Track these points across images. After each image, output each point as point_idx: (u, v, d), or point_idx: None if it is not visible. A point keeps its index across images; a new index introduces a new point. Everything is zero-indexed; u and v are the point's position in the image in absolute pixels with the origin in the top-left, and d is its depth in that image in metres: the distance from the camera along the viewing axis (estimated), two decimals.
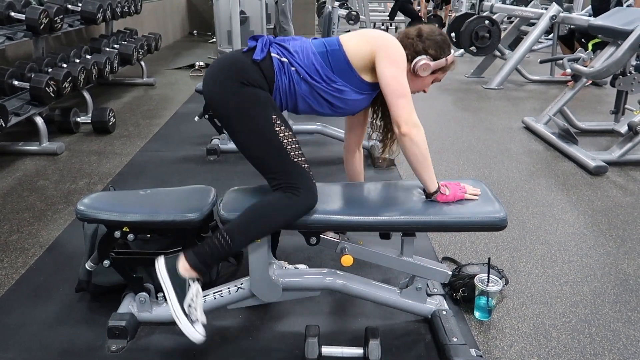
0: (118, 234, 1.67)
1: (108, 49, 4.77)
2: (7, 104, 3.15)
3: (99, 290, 1.91)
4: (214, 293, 1.73)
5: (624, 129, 3.41)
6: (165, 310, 1.77)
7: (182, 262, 1.55)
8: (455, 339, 1.65)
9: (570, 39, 5.87)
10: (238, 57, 1.62)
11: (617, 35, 3.71)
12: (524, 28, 6.09)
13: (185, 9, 9.96)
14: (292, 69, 1.59)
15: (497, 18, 5.88)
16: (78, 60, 4.13)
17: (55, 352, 1.69)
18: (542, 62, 4.62)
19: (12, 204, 2.73)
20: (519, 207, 2.80)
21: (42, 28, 3.58)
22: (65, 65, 3.90)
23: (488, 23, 5.54)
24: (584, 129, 4.10)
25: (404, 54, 1.64)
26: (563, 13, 5.38)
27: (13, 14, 3.51)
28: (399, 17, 9.86)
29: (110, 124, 3.93)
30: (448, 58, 1.70)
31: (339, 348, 1.67)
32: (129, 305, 1.78)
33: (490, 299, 1.84)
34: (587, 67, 3.83)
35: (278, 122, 1.56)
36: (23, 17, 3.52)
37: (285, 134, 1.56)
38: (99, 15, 4.47)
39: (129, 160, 3.38)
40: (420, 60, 1.66)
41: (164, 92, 5.32)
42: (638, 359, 1.71)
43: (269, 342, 1.75)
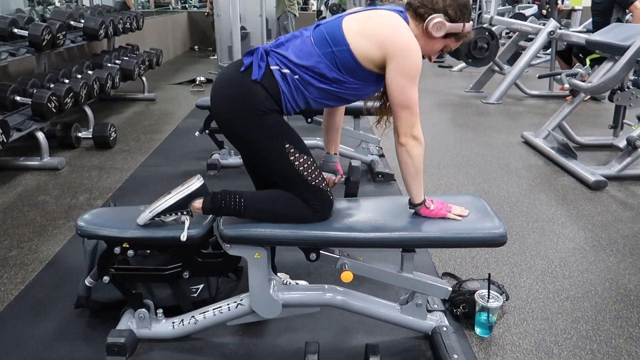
0: (118, 250, 1.67)
1: (110, 65, 4.82)
2: (9, 120, 3.17)
3: (99, 307, 1.90)
4: (214, 309, 1.73)
5: (623, 144, 3.43)
6: (165, 327, 1.77)
7: (198, 202, 1.64)
8: (456, 356, 1.64)
9: (568, 54, 5.91)
10: (240, 81, 1.57)
11: (614, 51, 3.75)
12: (522, 43, 6.15)
13: (187, 25, 10.07)
14: (295, 77, 1.55)
15: (495, 30, 5.94)
16: (80, 76, 4.16)
17: None
18: (540, 77, 4.65)
19: (12, 219, 2.73)
20: (519, 222, 2.80)
21: (44, 44, 3.62)
22: (67, 81, 3.94)
23: (488, 35, 5.59)
24: (583, 144, 4.12)
25: (419, 62, 1.53)
26: (561, 30, 5.44)
27: (16, 31, 3.55)
28: None
29: (111, 139, 3.95)
30: (466, 25, 1.58)
31: None
32: (128, 322, 1.77)
33: (491, 315, 1.83)
34: (585, 82, 3.86)
35: (292, 150, 1.57)
36: (26, 33, 3.56)
37: (301, 161, 1.58)
38: (101, 32, 4.53)
39: (130, 175, 3.39)
40: (435, 18, 1.54)
41: (165, 107, 5.35)
42: None
43: (269, 358, 1.74)
